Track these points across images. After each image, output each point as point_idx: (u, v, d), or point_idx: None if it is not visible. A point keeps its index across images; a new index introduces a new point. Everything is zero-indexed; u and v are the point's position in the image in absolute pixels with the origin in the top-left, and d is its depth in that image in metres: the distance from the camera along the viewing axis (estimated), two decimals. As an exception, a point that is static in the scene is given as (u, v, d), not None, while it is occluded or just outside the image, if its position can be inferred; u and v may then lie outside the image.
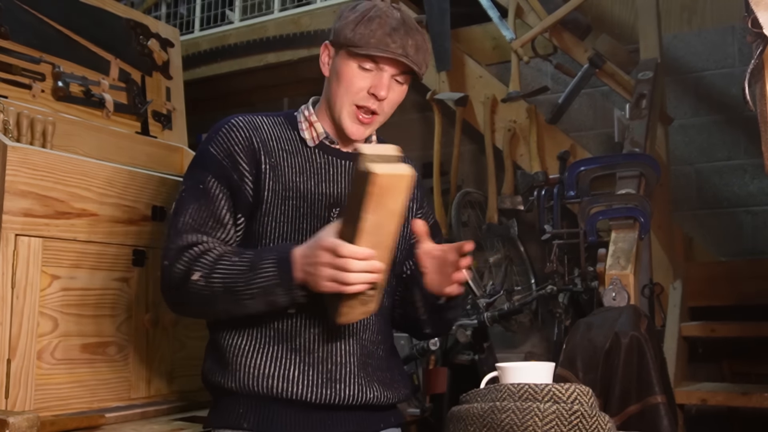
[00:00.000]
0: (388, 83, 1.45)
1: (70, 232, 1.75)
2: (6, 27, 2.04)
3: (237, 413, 1.43)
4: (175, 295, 1.42)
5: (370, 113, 1.47)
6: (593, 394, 1.23)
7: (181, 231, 1.42)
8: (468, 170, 4.04)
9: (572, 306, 3.03)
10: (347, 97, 1.46)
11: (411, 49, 1.44)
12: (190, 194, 1.45)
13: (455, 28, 3.88)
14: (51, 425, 1.57)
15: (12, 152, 1.63)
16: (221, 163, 1.46)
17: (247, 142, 1.47)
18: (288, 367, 1.41)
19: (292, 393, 1.40)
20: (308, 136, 1.52)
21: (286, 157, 1.49)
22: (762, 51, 1.31)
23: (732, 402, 2.67)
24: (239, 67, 4.33)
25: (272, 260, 1.32)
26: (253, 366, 1.42)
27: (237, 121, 1.50)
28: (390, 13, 1.45)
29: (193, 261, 1.38)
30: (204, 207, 1.43)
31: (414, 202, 1.63)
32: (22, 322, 1.64)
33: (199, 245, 1.40)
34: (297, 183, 1.48)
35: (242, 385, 1.42)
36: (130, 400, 1.88)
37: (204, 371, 1.50)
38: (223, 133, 1.48)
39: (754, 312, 2.90)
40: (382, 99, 1.45)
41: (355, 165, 1.23)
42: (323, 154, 1.52)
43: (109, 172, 1.86)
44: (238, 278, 1.33)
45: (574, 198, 2.63)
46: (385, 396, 1.49)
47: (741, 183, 3.50)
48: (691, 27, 3.70)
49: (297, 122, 1.54)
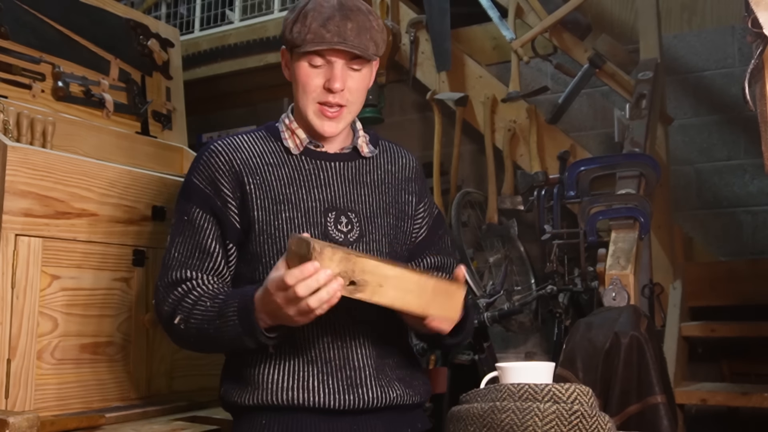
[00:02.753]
0: (341, 74, 1.41)
1: (70, 232, 1.75)
2: (6, 27, 2.05)
3: (260, 424, 1.41)
4: (167, 331, 1.45)
5: (336, 107, 1.44)
6: (593, 394, 1.23)
7: (169, 267, 1.44)
8: (468, 170, 4.04)
9: (572, 306, 3.03)
10: (307, 97, 1.44)
11: (351, 33, 1.39)
12: (176, 227, 1.47)
13: (455, 28, 3.87)
14: (51, 425, 1.57)
15: (12, 152, 1.63)
16: (204, 191, 1.45)
17: (228, 166, 1.45)
18: (306, 379, 1.39)
19: (314, 402, 1.38)
20: (292, 144, 1.49)
21: (272, 171, 1.46)
22: (762, 51, 1.31)
23: (732, 402, 2.67)
24: (239, 67, 4.33)
25: (234, 309, 1.31)
26: (272, 381, 1.40)
27: (216, 146, 1.49)
28: (324, 2, 1.41)
29: (177, 302, 1.40)
30: (189, 239, 1.44)
31: (413, 196, 1.58)
32: (22, 322, 1.64)
33: (184, 283, 1.41)
34: (287, 194, 1.45)
35: (262, 401, 1.40)
36: (130, 400, 1.88)
37: (221, 395, 1.49)
38: (204, 161, 1.48)
39: (754, 312, 2.90)
40: (337, 91, 1.42)
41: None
42: (311, 160, 1.49)
43: (109, 172, 1.86)
44: (210, 325, 1.35)
45: (574, 198, 2.63)
46: (408, 394, 1.46)
47: (741, 183, 3.50)
48: (691, 27, 3.69)
49: (279, 132, 1.52)
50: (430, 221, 1.60)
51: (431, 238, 1.59)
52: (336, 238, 1.43)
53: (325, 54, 1.41)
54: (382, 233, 1.49)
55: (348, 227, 1.46)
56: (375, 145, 1.57)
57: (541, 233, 3.07)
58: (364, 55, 1.41)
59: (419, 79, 3.91)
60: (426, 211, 1.60)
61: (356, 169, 1.52)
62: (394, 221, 1.52)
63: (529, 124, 3.55)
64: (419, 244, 1.58)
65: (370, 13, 1.45)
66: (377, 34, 1.44)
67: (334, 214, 1.45)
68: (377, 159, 1.56)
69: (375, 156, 1.55)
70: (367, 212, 1.49)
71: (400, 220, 1.54)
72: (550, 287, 2.91)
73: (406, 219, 1.55)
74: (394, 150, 1.61)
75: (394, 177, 1.56)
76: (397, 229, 1.52)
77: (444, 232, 1.63)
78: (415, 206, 1.58)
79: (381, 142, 1.60)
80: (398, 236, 1.52)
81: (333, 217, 1.45)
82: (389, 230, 1.50)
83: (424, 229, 1.59)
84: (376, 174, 1.54)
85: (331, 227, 1.44)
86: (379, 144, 1.58)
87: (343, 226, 1.45)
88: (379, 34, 1.45)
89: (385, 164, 1.57)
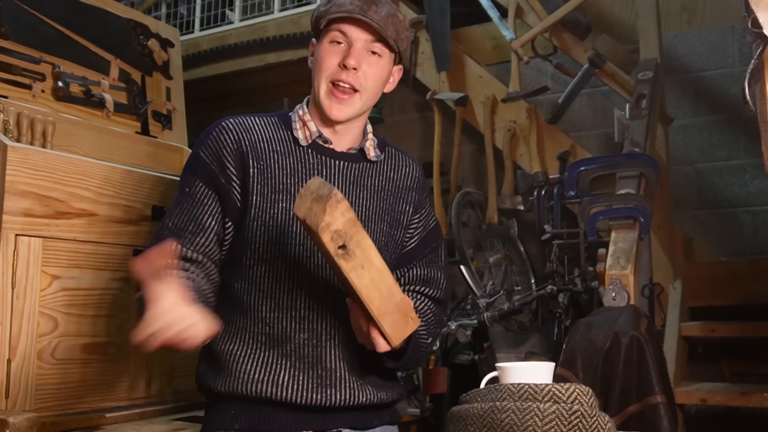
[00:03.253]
0: (358, 53, 1.42)
1: (70, 232, 1.75)
2: (6, 27, 2.05)
3: (229, 415, 1.43)
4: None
5: (348, 91, 1.43)
6: (593, 394, 1.23)
7: (160, 236, 1.43)
8: (468, 170, 4.04)
9: (572, 306, 3.03)
10: (321, 74, 1.44)
11: (374, 13, 1.41)
12: (177, 198, 1.46)
13: (455, 28, 3.88)
14: (51, 425, 1.57)
15: (12, 152, 1.63)
16: (209, 166, 1.45)
17: (236, 146, 1.45)
18: (278, 372, 1.41)
19: (282, 397, 1.40)
20: (301, 136, 1.48)
21: (277, 159, 1.46)
22: (762, 51, 1.31)
23: (731, 402, 2.67)
24: (239, 67, 4.33)
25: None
26: (244, 371, 1.41)
27: (228, 123, 1.48)
28: None
29: None
30: (187, 211, 1.43)
31: (410, 206, 1.57)
32: (22, 322, 1.64)
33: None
34: (287, 184, 1.44)
35: (233, 389, 1.41)
36: (130, 400, 1.88)
37: (197, 375, 1.51)
38: (213, 136, 1.47)
39: (754, 312, 2.90)
40: (351, 67, 1.41)
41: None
42: (316, 154, 1.48)
43: (109, 172, 1.86)
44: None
45: (574, 198, 2.63)
46: (379, 397, 1.48)
47: (741, 183, 3.50)
48: (691, 27, 3.70)
49: (291, 122, 1.51)
50: (423, 233, 1.59)
51: (421, 249, 1.58)
52: None
53: (346, 29, 1.42)
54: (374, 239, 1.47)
55: None
56: (382, 150, 1.57)
57: (541, 233, 3.07)
58: (382, 33, 1.42)
59: (419, 79, 3.92)
60: (421, 223, 1.59)
61: (359, 172, 1.52)
62: (387, 228, 1.52)
63: (529, 124, 3.55)
64: (407, 253, 1.56)
65: (398, 11, 1.47)
66: (401, 26, 1.46)
67: None
68: (381, 165, 1.55)
69: (380, 161, 1.55)
70: (362, 216, 1.48)
71: (393, 228, 1.53)
72: (550, 287, 2.91)
73: (400, 228, 1.55)
74: (399, 158, 1.60)
75: (394, 185, 1.56)
76: (389, 237, 1.52)
77: (438, 245, 1.61)
78: (410, 216, 1.57)
79: (388, 149, 1.59)
80: (389, 244, 1.52)
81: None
82: (381, 237, 1.49)
83: (415, 239, 1.57)
84: (377, 179, 1.54)
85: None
86: (386, 150, 1.58)
87: None
88: (403, 29, 1.46)
89: (388, 171, 1.56)
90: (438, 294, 1.57)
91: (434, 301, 1.57)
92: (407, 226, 1.56)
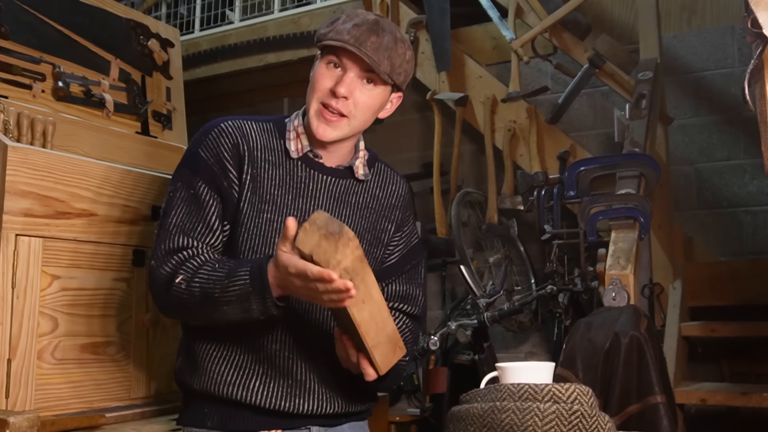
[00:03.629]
0: (349, 82, 1.42)
1: (70, 232, 1.75)
2: (6, 27, 2.04)
3: (202, 412, 1.47)
4: (159, 296, 1.43)
5: (336, 114, 1.43)
6: (593, 394, 1.23)
7: (171, 233, 1.42)
8: (468, 170, 4.04)
9: (572, 306, 3.03)
10: (313, 95, 1.44)
11: (370, 46, 1.39)
12: (180, 196, 1.45)
13: (455, 28, 3.88)
14: (51, 425, 1.57)
15: (12, 152, 1.63)
16: (212, 168, 1.45)
17: (235, 150, 1.46)
18: (250, 377, 1.44)
19: (252, 401, 1.43)
20: (293, 147, 1.49)
21: (268, 168, 1.47)
22: (762, 51, 1.31)
23: (731, 402, 2.67)
24: (239, 67, 4.33)
25: (246, 270, 1.32)
26: (218, 372, 1.45)
27: (227, 125, 1.48)
28: (363, 14, 1.44)
29: (179, 265, 1.39)
30: (195, 212, 1.43)
31: (392, 225, 1.58)
32: (23, 322, 1.64)
33: (187, 249, 1.41)
34: (274, 196, 1.46)
35: (206, 388, 1.45)
36: (130, 400, 1.88)
37: (175, 369, 1.54)
38: (213, 137, 1.47)
39: (754, 312, 2.91)
40: (340, 96, 1.41)
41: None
42: (306, 168, 1.49)
43: (109, 172, 1.86)
44: (216, 284, 1.33)
45: (574, 198, 2.63)
46: (348, 407, 1.51)
47: (741, 183, 3.50)
48: (691, 27, 3.70)
49: (286, 131, 1.51)
50: (404, 250, 1.60)
51: (401, 265, 1.59)
52: None
53: (341, 58, 1.42)
54: None
55: None
56: (372, 166, 1.58)
57: (541, 233, 3.08)
58: (374, 67, 1.41)
59: (419, 79, 3.92)
60: (402, 240, 1.60)
61: (345, 189, 1.53)
62: (367, 246, 1.52)
63: (529, 124, 3.56)
64: (387, 269, 1.57)
65: (402, 41, 1.45)
66: (398, 59, 1.43)
67: None
68: (368, 182, 1.57)
69: (367, 180, 1.56)
70: None
71: (373, 246, 1.55)
72: (550, 287, 2.91)
73: (380, 246, 1.56)
74: (387, 175, 1.61)
75: (378, 203, 1.57)
76: (369, 255, 1.51)
77: (418, 263, 1.62)
78: (391, 234, 1.58)
79: (378, 164, 1.61)
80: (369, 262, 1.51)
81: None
82: None
83: (395, 255, 1.58)
84: (362, 197, 1.55)
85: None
86: (375, 166, 1.59)
87: None
88: (402, 62, 1.44)
89: (373, 188, 1.57)
90: (416, 311, 1.59)
91: (412, 318, 1.58)
92: (387, 244, 1.57)
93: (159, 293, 1.42)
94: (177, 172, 1.49)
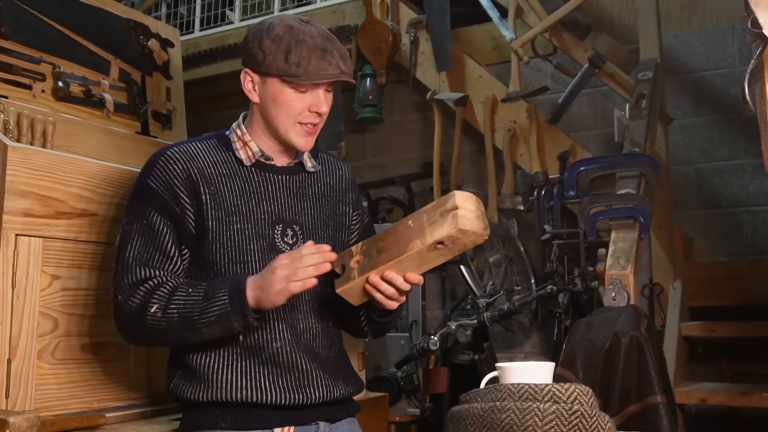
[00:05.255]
0: (326, 98, 1.51)
1: (70, 232, 1.75)
2: (6, 27, 2.05)
3: (214, 415, 1.49)
4: (130, 328, 1.47)
5: (313, 124, 1.53)
6: (593, 394, 1.23)
7: (130, 266, 1.46)
8: (468, 170, 4.04)
9: (572, 306, 3.03)
10: (290, 119, 1.51)
11: (342, 63, 1.49)
12: (134, 229, 1.48)
13: (455, 28, 3.88)
14: (51, 425, 1.57)
15: (12, 152, 1.63)
16: (162, 196, 1.48)
17: (185, 174, 1.49)
18: (259, 379, 1.48)
19: (265, 399, 1.47)
20: (244, 156, 1.55)
21: (225, 182, 1.52)
22: (762, 51, 1.32)
23: (732, 402, 2.67)
24: (239, 67, 4.31)
25: (225, 290, 1.40)
26: (226, 381, 1.48)
27: (173, 152, 1.52)
28: (309, 32, 1.48)
29: (148, 295, 1.43)
30: (150, 242, 1.47)
31: (349, 207, 1.67)
32: (23, 322, 1.64)
33: (151, 280, 1.45)
34: (239, 206, 1.51)
35: (215, 397, 1.48)
36: (130, 400, 1.88)
37: (171, 387, 1.55)
38: (160, 166, 1.50)
39: (754, 312, 2.91)
40: (324, 114, 1.52)
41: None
42: (260, 172, 1.56)
43: (109, 172, 1.86)
44: (194, 308, 1.41)
45: (574, 198, 2.63)
46: (348, 390, 1.58)
47: (741, 183, 3.50)
48: (691, 27, 3.70)
49: (230, 142, 1.57)
50: (361, 228, 1.71)
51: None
52: (282, 249, 1.52)
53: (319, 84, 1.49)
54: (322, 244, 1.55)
55: (293, 239, 1.55)
56: (315, 157, 1.65)
57: (541, 233, 3.08)
58: (350, 80, 1.52)
59: (419, 79, 3.92)
60: (359, 219, 1.71)
61: (300, 182, 1.60)
62: (332, 232, 1.62)
63: (529, 124, 3.55)
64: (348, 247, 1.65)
65: (333, 37, 1.53)
66: (346, 55, 1.53)
67: (281, 227, 1.54)
68: (318, 173, 1.64)
69: (317, 170, 1.64)
70: (309, 224, 1.58)
71: (338, 231, 1.64)
72: (550, 287, 2.91)
73: (344, 229, 1.66)
74: (331, 162, 1.70)
75: (332, 189, 1.66)
76: (336, 240, 1.62)
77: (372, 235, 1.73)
78: (350, 216, 1.69)
79: (320, 155, 1.68)
80: (336, 246, 1.58)
81: (280, 229, 1.53)
82: (328, 241, 1.57)
83: (355, 234, 1.69)
84: (316, 187, 1.63)
85: (278, 239, 1.53)
86: (318, 156, 1.67)
87: (289, 238, 1.54)
88: (348, 55, 1.54)
89: (324, 177, 1.65)
90: None
91: None
92: (349, 225, 1.68)
93: (129, 325, 1.46)
94: (128, 206, 1.53)
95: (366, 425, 1.69)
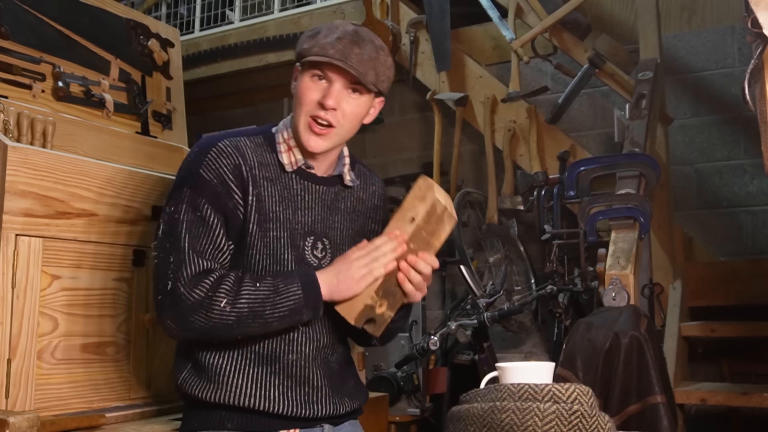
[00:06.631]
0: (337, 94, 1.45)
1: (70, 232, 1.75)
2: (6, 27, 2.04)
3: (220, 415, 1.48)
4: (194, 321, 1.39)
5: (325, 125, 1.46)
6: (593, 394, 1.23)
7: (190, 257, 1.40)
8: (468, 170, 4.04)
9: (572, 306, 3.03)
10: (302, 109, 1.47)
11: (354, 57, 1.43)
12: (186, 218, 1.43)
13: (455, 28, 3.88)
14: (51, 425, 1.57)
15: (12, 152, 1.63)
16: (215, 189, 1.44)
17: (237, 171, 1.46)
18: (269, 388, 1.47)
19: (273, 409, 1.47)
20: (287, 161, 1.51)
21: (267, 186, 1.48)
22: (762, 51, 1.32)
23: (731, 402, 2.67)
24: (239, 67, 4.33)
25: (297, 284, 1.41)
26: (236, 385, 1.46)
27: (224, 145, 1.47)
28: (342, 26, 1.47)
29: (212, 289, 1.38)
30: (204, 234, 1.43)
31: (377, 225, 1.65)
32: (23, 322, 1.64)
33: (212, 273, 1.41)
34: (277, 213, 1.48)
35: (223, 400, 1.46)
36: (130, 400, 1.88)
37: (180, 381, 1.51)
38: (212, 158, 1.46)
39: (754, 312, 2.91)
40: (329, 108, 1.44)
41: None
42: (300, 180, 1.53)
43: (109, 172, 1.86)
44: (265, 303, 1.39)
45: (574, 198, 2.63)
46: (352, 406, 1.59)
47: (741, 183, 3.50)
48: (691, 27, 3.70)
49: (276, 143, 1.53)
50: None
51: None
52: (311, 262, 1.51)
53: (327, 71, 1.45)
54: None
55: (322, 253, 1.53)
56: (353, 168, 1.63)
57: (541, 233, 3.08)
58: (361, 79, 1.44)
59: (419, 79, 3.92)
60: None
61: (335, 195, 1.58)
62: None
63: (529, 124, 3.56)
64: None
65: (381, 48, 1.48)
66: (381, 67, 1.47)
67: (312, 239, 1.52)
68: (353, 187, 1.62)
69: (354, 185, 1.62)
70: (338, 239, 1.56)
71: None
72: (550, 287, 2.91)
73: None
74: (366, 175, 1.68)
75: (364, 205, 1.64)
76: None
77: None
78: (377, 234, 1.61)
79: (357, 166, 1.66)
80: None
81: (311, 241, 1.52)
82: None
83: None
84: (350, 201, 1.61)
85: (308, 252, 1.51)
86: (356, 168, 1.65)
87: (318, 251, 1.53)
88: (385, 69, 1.48)
89: (358, 191, 1.63)
90: None
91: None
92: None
93: (194, 317, 1.38)
94: (177, 192, 1.47)
95: (366, 425, 1.69)
